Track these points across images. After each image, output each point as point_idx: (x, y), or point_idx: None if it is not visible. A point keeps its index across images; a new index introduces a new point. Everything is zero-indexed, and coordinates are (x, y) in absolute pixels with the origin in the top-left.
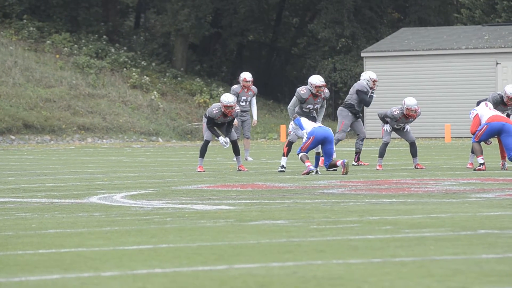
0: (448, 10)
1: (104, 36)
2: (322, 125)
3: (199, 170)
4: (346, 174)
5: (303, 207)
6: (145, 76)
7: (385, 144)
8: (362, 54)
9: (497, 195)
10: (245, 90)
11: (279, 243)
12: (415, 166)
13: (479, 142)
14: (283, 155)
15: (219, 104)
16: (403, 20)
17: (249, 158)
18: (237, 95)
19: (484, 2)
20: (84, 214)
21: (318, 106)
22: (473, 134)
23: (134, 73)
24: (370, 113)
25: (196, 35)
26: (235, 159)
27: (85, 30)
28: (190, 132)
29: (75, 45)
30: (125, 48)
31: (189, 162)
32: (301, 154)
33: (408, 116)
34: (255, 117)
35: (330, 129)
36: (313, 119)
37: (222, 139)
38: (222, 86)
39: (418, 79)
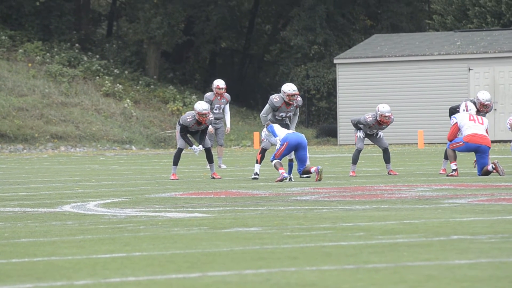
0: (420, 16)
1: (77, 45)
2: (295, 132)
3: (172, 178)
4: (319, 181)
5: (276, 214)
6: (118, 84)
7: (358, 151)
8: (335, 61)
9: (470, 200)
10: (219, 97)
11: (252, 250)
12: (388, 173)
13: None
14: (257, 162)
15: (193, 112)
16: (375, 26)
17: (223, 166)
18: (211, 103)
19: (456, 8)
20: (57, 222)
21: (291, 114)
22: (450, 141)
23: (107, 81)
24: (343, 119)
25: (169, 43)
26: (208, 166)
27: (57, 38)
28: (164, 140)
29: (48, 54)
30: (97, 56)
31: (162, 170)
32: (274, 161)
33: (381, 122)
34: (228, 125)
35: (303, 135)
36: (286, 127)
37: (194, 147)
38: (195, 93)
39: (391, 85)
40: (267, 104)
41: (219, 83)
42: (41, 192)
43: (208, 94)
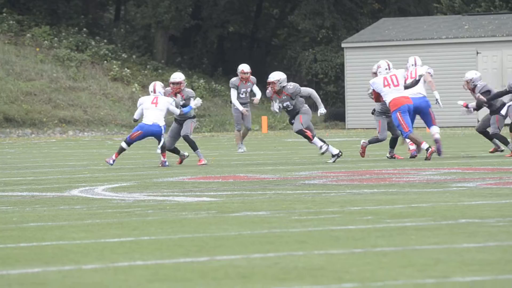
0: (428, 0)
1: (84, 29)
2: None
3: (199, 163)
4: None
5: (284, 198)
6: (125, 69)
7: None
8: (343, 45)
9: (478, 184)
10: (244, 82)
11: (260, 234)
12: (391, 156)
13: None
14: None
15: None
16: (383, 10)
17: (242, 149)
18: (237, 88)
19: None
20: (66, 207)
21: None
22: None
23: (114, 66)
24: (351, 103)
25: (177, 27)
26: (187, 154)
27: (65, 23)
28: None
29: (55, 38)
30: (105, 40)
31: (170, 154)
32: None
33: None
34: (258, 96)
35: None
36: (292, 114)
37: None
38: (203, 78)
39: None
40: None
41: (244, 67)
42: (50, 176)
43: (234, 79)
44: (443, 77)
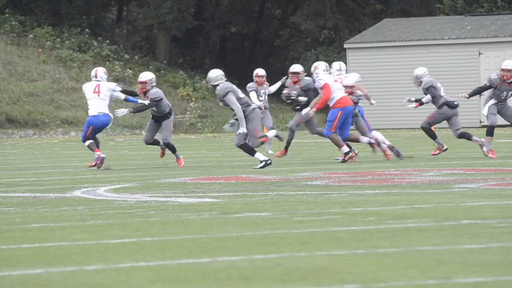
0: (430, 0)
1: (87, 30)
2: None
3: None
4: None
5: (286, 199)
6: (128, 69)
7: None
8: (345, 46)
9: (480, 185)
10: (260, 85)
11: (262, 235)
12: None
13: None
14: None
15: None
16: (385, 11)
17: (270, 151)
18: (256, 91)
19: None
20: (68, 208)
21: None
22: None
23: (117, 66)
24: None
25: (179, 28)
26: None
27: (67, 23)
28: (174, 125)
29: (58, 39)
30: (107, 41)
31: (172, 155)
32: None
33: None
34: (276, 87)
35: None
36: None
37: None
38: (205, 78)
39: (401, 70)
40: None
41: (258, 71)
42: (52, 177)
43: (250, 84)
44: (445, 78)
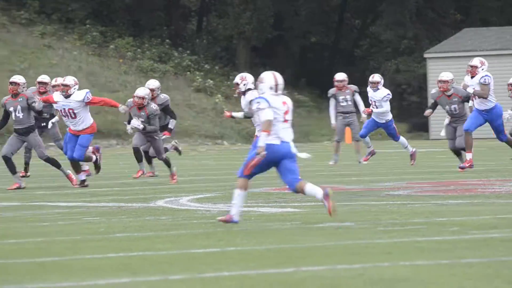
0: (511, 10)
1: (167, 40)
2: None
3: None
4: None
5: (369, 209)
6: (208, 80)
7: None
8: (425, 55)
9: None
10: (342, 90)
11: (345, 245)
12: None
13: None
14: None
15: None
16: (465, 20)
17: (363, 162)
18: (335, 97)
19: None
20: (151, 217)
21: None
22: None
23: (197, 77)
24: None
25: (259, 38)
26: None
27: (148, 34)
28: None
29: (138, 49)
30: (188, 51)
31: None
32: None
33: None
34: (361, 108)
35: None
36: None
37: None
38: (285, 88)
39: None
40: None
41: (336, 75)
42: (135, 187)
43: (331, 90)
44: None
